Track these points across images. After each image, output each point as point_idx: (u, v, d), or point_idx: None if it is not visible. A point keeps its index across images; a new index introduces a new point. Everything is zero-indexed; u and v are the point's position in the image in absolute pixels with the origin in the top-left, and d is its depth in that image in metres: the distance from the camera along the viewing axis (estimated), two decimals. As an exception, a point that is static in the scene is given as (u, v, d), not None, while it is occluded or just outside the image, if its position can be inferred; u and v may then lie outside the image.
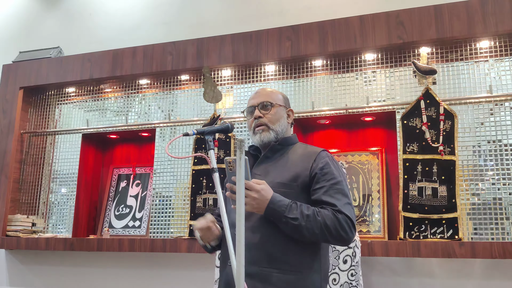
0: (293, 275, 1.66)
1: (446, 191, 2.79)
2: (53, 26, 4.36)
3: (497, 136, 2.80)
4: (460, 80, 2.92)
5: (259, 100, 1.91)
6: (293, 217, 1.63)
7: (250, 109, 1.92)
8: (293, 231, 1.66)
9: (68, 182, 3.72)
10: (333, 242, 1.70)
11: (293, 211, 1.64)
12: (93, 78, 3.66)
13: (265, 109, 1.89)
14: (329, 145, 3.37)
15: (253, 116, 1.89)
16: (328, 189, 1.72)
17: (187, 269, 3.33)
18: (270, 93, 1.95)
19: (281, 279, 1.65)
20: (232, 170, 1.59)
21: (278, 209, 1.62)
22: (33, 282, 3.73)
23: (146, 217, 3.63)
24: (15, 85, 3.87)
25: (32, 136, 3.90)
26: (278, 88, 3.30)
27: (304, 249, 1.71)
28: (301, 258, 1.70)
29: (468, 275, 2.79)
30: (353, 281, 2.37)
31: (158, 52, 3.50)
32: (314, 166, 1.77)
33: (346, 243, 1.71)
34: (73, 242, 3.39)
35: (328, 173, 1.76)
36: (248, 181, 1.60)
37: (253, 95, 1.96)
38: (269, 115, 1.88)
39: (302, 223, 1.63)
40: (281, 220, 1.64)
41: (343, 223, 1.66)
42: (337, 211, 1.67)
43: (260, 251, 1.68)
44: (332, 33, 3.10)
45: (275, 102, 1.92)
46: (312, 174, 1.76)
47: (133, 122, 3.63)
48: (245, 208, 1.58)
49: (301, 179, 1.76)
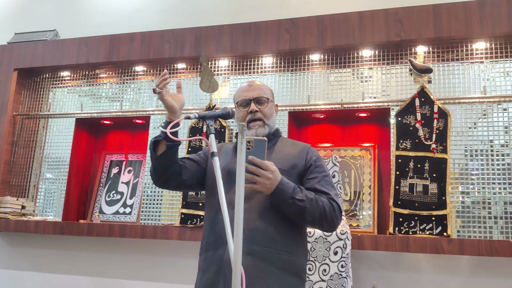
0: (288, 256, 1.76)
1: (436, 189, 2.83)
2: (50, 8, 4.32)
3: (488, 136, 2.84)
4: (455, 80, 2.96)
5: (254, 93, 1.95)
6: (299, 199, 1.72)
7: (245, 101, 1.95)
8: (296, 212, 1.73)
9: (59, 166, 3.70)
10: (323, 227, 1.81)
11: (299, 193, 1.73)
12: (89, 62, 3.64)
13: (260, 104, 1.94)
14: (323, 139, 3.39)
15: (248, 110, 1.93)
16: (320, 179, 1.86)
17: (177, 256, 3.34)
18: (263, 87, 2.00)
19: (279, 258, 1.74)
20: (249, 150, 1.64)
21: (286, 190, 1.71)
22: (21, 264, 3.72)
23: (137, 204, 3.63)
24: (10, 67, 3.84)
25: (24, 119, 3.88)
26: (275, 81, 3.31)
27: (296, 234, 1.83)
28: (294, 241, 1.81)
29: (454, 272, 2.84)
30: (343, 272, 2.40)
31: (156, 39, 3.50)
32: (308, 158, 1.90)
33: (333, 229, 1.85)
34: (63, 226, 3.38)
35: (320, 166, 1.91)
36: (265, 162, 1.67)
37: (245, 87, 1.99)
38: (264, 110, 1.94)
39: (307, 205, 1.73)
40: (287, 201, 1.71)
41: (336, 211, 1.80)
42: (331, 199, 1.80)
43: (260, 232, 1.74)
44: (331, 27, 3.12)
45: (269, 97, 1.98)
46: (307, 165, 1.89)
47: (128, 109, 3.62)
48: (256, 187, 1.69)
49: (298, 168, 1.87)
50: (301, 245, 1.85)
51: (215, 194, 1.84)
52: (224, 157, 1.95)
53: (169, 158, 1.80)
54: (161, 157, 1.79)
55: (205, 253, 1.82)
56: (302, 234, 1.87)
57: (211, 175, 1.91)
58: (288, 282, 1.73)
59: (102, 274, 3.51)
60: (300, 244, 1.85)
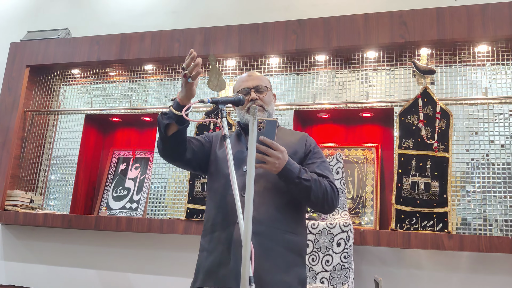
0: (292, 236, 1.85)
1: (438, 187, 2.90)
2: (63, 8, 4.43)
3: (489, 136, 2.91)
4: (457, 81, 3.03)
5: (254, 83, 2.06)
6: (306, 178, 1.80)
7: (246, 91, 2.05)
8: (301, 191, 1.81)
9: (68, 162, 3.78)
10: (324, 208, 1.90)
11: (305, 174, 1.82)
12: (100, 60, 3.73)
13: (260, 92, 2.04)
14: (327, 138, 3.46)
15: (249, 98, 2.03)
16: (319, 164, 1.96)
17: (182, 251, 3.40)
18: (262, 77, 2.11)
19: (284, 238, 1.83)
20: (261, 130, 1.71)
21: (293, 170, 1.78)
22: (28, 257, 3.78)
23: (143, 199, 3.70)
24: (22, 63, 3.93)
25: (35, 115, 3.96)
26: (281, 80, 3.39)
27: (297, 215, 1.93)
28: (296, 222, 1.90)
29: (455, 268, 2.90)
30: (346, 263, 2.46)
31: (166, 39, 3.59)
32: (308, 145, 2.02)
33: (332, 211, 1.94)
34: (71, 219, 3.45)
35: (318, 152, 2.02)
36: (275, 142, 1.74)
37: (245, 77, 2.10)
38: (264, 98, 2.04)
39: (312, 185, 1.81)
40: (293, 181, 1.79)
41: (336, 193, 1.90)
42: (331, 182, 1.90)
43: (266, 213, 1.82)
44: (337, 29, 3.21)
45: (268, 86, 2.09)
46: (307, 151, 2.00)
47: (136, 107, 3.71)
48: (266, 167, 1.76)
49: (298, 155, 1.98)
50: (302, 226, 1.94)
51: (220, 178, 1.92)
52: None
53: (179, 138, 1.88)
54: (171, 137, 1.87)
55: (211, 233, 1.88)
56: (302, 215, 1.97)
57: (215, 159, 2.00)
58: (292, 260, 1.82)
59: (108, 267, 3.57)
60: (301, 225, 1.94)
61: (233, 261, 1.75)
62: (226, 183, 1.86)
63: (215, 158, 2.01)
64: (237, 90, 2.08)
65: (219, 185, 1.92)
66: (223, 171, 1.92)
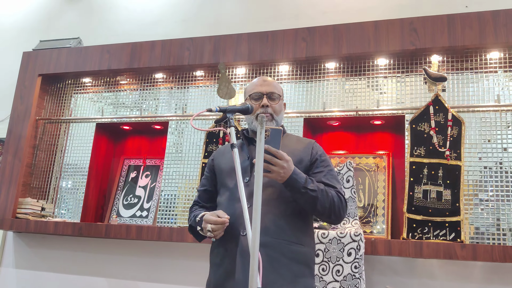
0: (298, 247, 1.83)
1: (450, 195, 2.86)
2: (74, 17, 4.47)
3: (502, 144, 2.87)
4: (469, 88, 3.00)
5: (267, 89, 2.02)
6: (312, 189, 1.78)
7: (258, 95, 2.01)
8: (307, 201, 1.79)
9: (79, 170, 3.80)
10: (331, 218, 1.87)
11: (311, 184, 1.80)
12: (111, 69, 3.75)
13: (272, 99, 2.01)
14: (337, 146, 3.44)
15: (260, 103, 1.99)
16: (326, 173, 1.93)
17: (192, 259, 3.39)
18: (276, 84, 2.08)
19: (289, 249, 1.80)
20: (265, 139, 1.69)
21: (299, 180, 1.76)
22: (39, 265, 3.80)
23: (153, 207, 3.70)
24: (34, 72, 3.97)
25: (46, 123, 3.99)
26: (291, 88, 3.38)
27: (304, 225, 1.90)
28: (303, 233, 1.88)
29: (468, 278, 2.85)
30: (356, 273, 2.43)
31: (176, 47, 3.60)
32: (314, 153, 1.98)
33: (339, 221, 1.91)
34: (82, 227, 3.46)
35: (325, 160, 1.98)
36: (280, 151, 1.72)
37: (259, 81, 2.06)
38: (275, 106, 2.01)
39: (319, 195, 1.79)
40: (299, 191, 1.77)
41: (344, 203, 1.87)
42: (338, 192, 1.88)
43: (271, 224, 1.81)
44: (347, 36, 3.19)
45: (280, 94, 2.06)
46: (313, 159, 1.96)
47: (147, 115, 3.72)
48: (271, 176, 1.74)
49: (304, 163, 1.94)
50: (309, 236, 1.91)
51: (224, 191, 1.91)
52: (230, 156, 1.98)
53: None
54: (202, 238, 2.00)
55: (217, 248, 1.89)
56: (309, 226, 1.94)
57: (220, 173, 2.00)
58: (299, 271, 1.80)
59: (119, 276, 3.57)
60: (308, 235, 1.91)
61: (239, 273, 1.74)
62: (230, 195, 1.86)
63: (219, 172, 2.02)
64: (249, 94, 2.05)
65: (224, 198, 1.93)
66: (226, 184, 1.93)
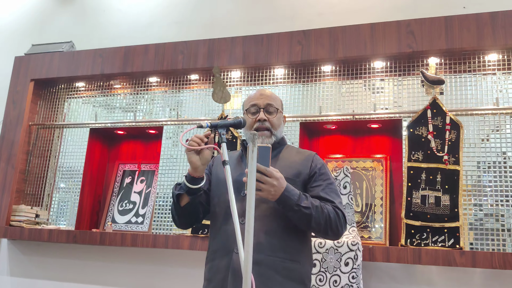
0: (293, 264, 1.78)
1: (449, 200, 2.81)
2: (66, 21, 4.41)
3: (501, 148, 2.82)
4: (467, 91, 2.95)
5: (264, 102, 1.97)
6: (305, 206, 1.73)
7: (255, 109, 1.96)
8: (301, 219, 1.75)
9: (73, 176, 3.75)
10: (328, 235, 1.81)
11: (305, 201, 1.74)
12: (104, 73, 3.70)
13: (269, 113, 1.96)
14: (334, 150, 3.39)
15: (257, 117, 1.94)
16: (325, 187, 1.87)
17: (188, 267, 3.35)
18: (274, 97, 2.02)
19: (284, 267, 1.76)
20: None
21: (292, 197, 1.71)
22: (34, 273, 3.75)
23: (149, 213, 3.65)
24: (26, 77, 3.91)
25: (40, 129, 3.94)
26: (286, 92, 3.33)
27: (299, 242, 1.84)
28: (298, 250, 1.83)
29: (467, 285, 2.81)
30: (354, 284, 2.39)
31: (169, 51, 3.55)
32: (313, 166, 1.92)
33: (338, 237, 1.86)
34: (76, 235, 3.41)
35: (325, 173, 1.92)
36: (269, 169, 1.67)
37: (256, 95, 2.01)
38: (273, 120, 1.96)
39: (313, 212, 1.74)
40: (292, 208, 1.72)
41: (341, 219, 1.81)
42: (336, 207, 1.81)
43: (265, 241, 1.76)
44: (343, 39, 3.14)
45: (278, 107, 2.00)
46: (312, 173, 1.90)
47: (141, 119, 3.67)
48: (262, 194, 1.69)
49: (302, 176, 1.89)
50: (305, 253, 1.86)
51: (221, 204, 1.86)
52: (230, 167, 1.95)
53: (191, 208, 1.86)
54: (184, 208, 1.85)
55: (211, 262, 1.84)
56: (306, 242, 1.89)
57: (217, 182, 1.94)
58: None
59: (114, 283, 3.53)
60: (304, 252, 1.86)
61: None
62: (226, 209, 1.80)
63: (216, 181, 1.95)
64: (246, 107, 2.00)
65: (220, 211, 1.87)
66: (223, 196, 1.86)
